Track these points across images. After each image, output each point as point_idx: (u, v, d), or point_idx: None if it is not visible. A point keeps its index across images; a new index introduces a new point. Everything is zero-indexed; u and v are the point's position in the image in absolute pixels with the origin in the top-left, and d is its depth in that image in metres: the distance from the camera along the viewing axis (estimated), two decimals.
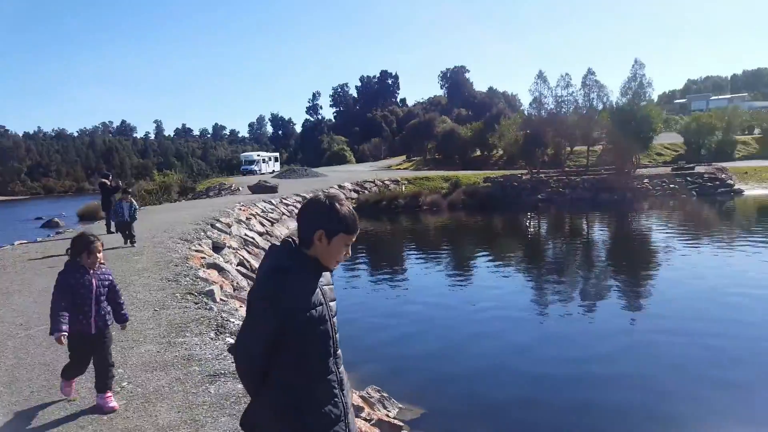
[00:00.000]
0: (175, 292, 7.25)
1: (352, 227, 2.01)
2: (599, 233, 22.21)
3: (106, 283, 3.97)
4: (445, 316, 10.41)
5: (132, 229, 11.74)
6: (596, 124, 44.47)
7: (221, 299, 7.55)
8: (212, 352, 4.93)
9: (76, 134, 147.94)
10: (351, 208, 2.03)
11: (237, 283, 10.04)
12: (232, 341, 5.28)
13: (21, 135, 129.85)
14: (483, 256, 16.96)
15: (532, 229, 24.60)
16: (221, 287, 8.15)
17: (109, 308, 3.98)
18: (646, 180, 35.72)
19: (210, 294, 7.31)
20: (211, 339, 5.34)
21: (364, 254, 18.03)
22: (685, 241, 17.42)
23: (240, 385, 4.12)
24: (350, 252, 2.04)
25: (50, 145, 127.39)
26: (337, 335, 2.04)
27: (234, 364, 2.09)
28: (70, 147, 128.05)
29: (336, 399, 1.97)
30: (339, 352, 2.05)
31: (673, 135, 48.38)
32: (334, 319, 2.03)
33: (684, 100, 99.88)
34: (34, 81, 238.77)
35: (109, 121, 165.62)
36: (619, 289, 12.28)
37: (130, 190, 12.42)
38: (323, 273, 2.03)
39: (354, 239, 2.02)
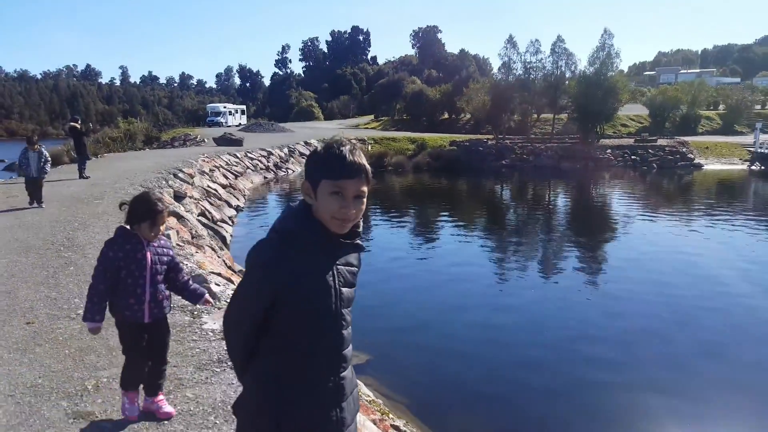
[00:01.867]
0: None
1: (338, 170, 1.56)
2: (560, 202, 22.73)
3: (165, 259, 3.09)
4: (402, 284, 9.97)
5: (40, 187, 9.88)
6: (563, 93, 45.20)
7: (177, 244, 7.95)
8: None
9: (39, 76, 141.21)
10: (347, 149, 1.59)
11: (196, 231, 10.40)
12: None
13: None
14: (445, 219, 17.09)
15: (495, 195, 25.15)
16: (177, 233, 8.54)
17: (167, 292, 3.13)
18: (608, 150, 36.73)
19: (167, 237, 7.69)
20: None
21: None
22: (642, 212, 18.25)
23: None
24: (351, 206, 1.58)
25: (12, 87, 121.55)
26: (347, 331, 1.66)
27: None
28: (33, 89, 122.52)
29: (324, 412, 1.61)
30: (346, 352, 1.67)
31: (639, 107, 49.46)
32: (346, 311, 1.65)
33: (653, 73, 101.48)
34: None
35: (74, 65, 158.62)
36: (580, 258, 12.41)
37: (35, 138, 10.10)
38: (345, 250, 1.66)
39: (352, 188, 1.57)
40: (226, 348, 1.79)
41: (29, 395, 3.31)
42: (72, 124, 15.10)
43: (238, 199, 17.81)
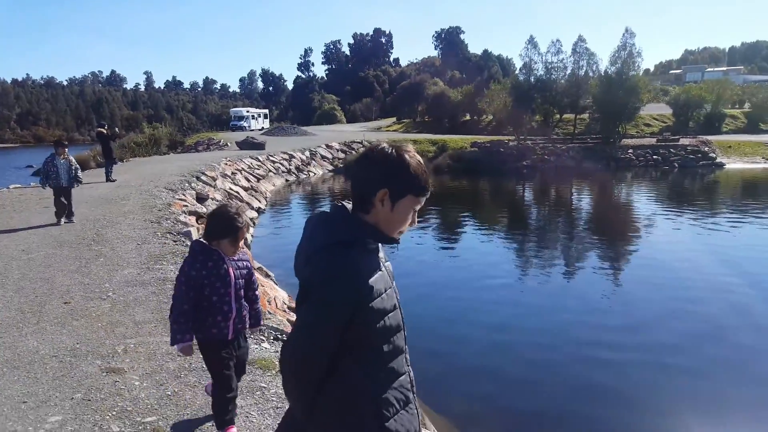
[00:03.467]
0: (156, 231, 8.25)
1: (424, 186, 1.59)
2: (581, 202, 22.53)
3: (244, 272, 3.00)
4: (427, 284, 9.85)
5: (71, 198, 8.91)
6: (584, 92, 45.09)
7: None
8: None
9: (65, 83, 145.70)
10: (422, 161, 1.61)
11: None
12: None
13: (9, 82, 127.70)
14: (466, 221, 16.78)
15: (516, 196, 25.07)
16: (197, 230, 9.15)
17: (247, 306, 3.02)
18: (630, 150, 36.53)
19: (187, 234, 8.31)
20: None
21: None
22: (664, 212, 18.02)
23: None
24: (416, 219, 1.64)
25: (39, 93, 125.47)
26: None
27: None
28: (59, 96, 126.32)
29: (411, 405, 1.62)
30: (406, 346, 1.68)
31: (663, 106, 48.90)
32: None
33: (680, 71, 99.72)
34: (22, 26, 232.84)
35: (99, 71, 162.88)
36: (602, 259, 12.12)
37: (65, 141, 9.20)
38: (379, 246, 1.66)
39: (422, 204, 1.61)
40: (288, 386, 1.55)
41: (69, 356, 3.87)
42: (99, 129, 16.03)
43: (259, 201, 18.40)
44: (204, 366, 3.81)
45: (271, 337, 4.49)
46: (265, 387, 3.50)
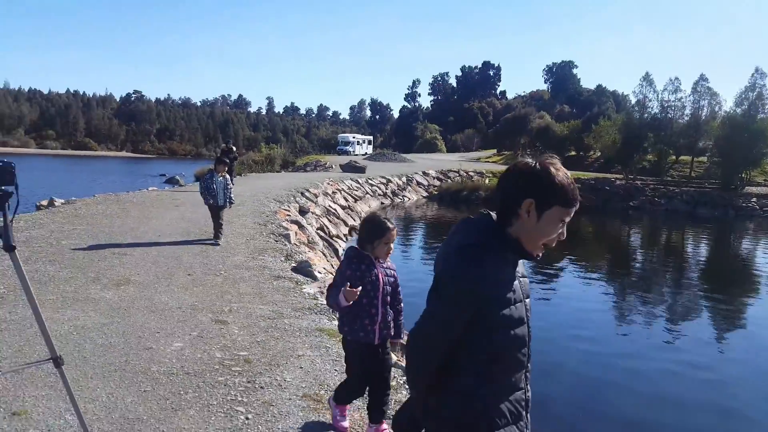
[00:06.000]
0: (262, 231, 9.64)
1: (572, 198, 1.57)
2: (693, 250, 20.92)
3: (392, 279, 3.11)
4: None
5: (220, 219, 8.46)
6: (704, 134, 42.39)
7: (295, 243, 9.80)
8: (279, 267, 7.15)
9: (198, 104, 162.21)
10: (569, 174, 1.61)
11: (312, 239, 12.29)
12: (295, 265, 7.40)
13: (153, 100, 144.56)
14: (565, 259, 15.40)
15: (620, 237, 23.85)
16: (295, 234, 10.43)
17: (392, 313, 3.11)
18: (754, 199, 33.91)
19: (287, 236, 9.59)
20: (281, 261, 7.55)
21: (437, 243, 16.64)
22: None
23: (311, 290, 6.14)
24: (565, 233, 1.61)
25: (177, 112, 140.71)
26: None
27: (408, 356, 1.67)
28: (193, 115, 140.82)
29: (522, 423, 1.62)
30: (530, 365, 1.67)
31: None
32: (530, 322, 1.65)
33: None
34: (167, 52, 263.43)
35: (228, 94, 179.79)
36: (713, 317, 10.91)
37: (227, 158, 8.65)
38: (518, 261, 1.65)
39: (571, 216, 1.59)
40: (408, 368, 1.64)
41: (190, 309, 5.08)
42: (225, 145, 18.34)
43: (354, 219, 19.69)
44: (286, 323, 4.82)
45: None
46: (329, 347, 4.40)
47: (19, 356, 3.74)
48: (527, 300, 1.65)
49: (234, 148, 18.14)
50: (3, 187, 1.87)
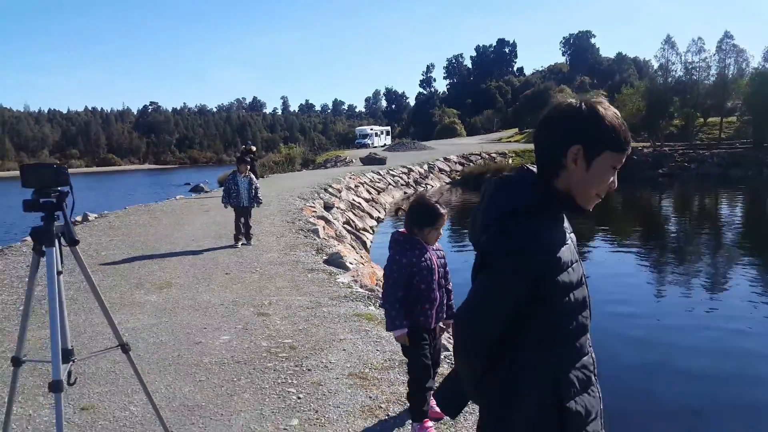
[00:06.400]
0: (291, 228, 9.86)
1: (624, 140, 1.39)
2: (727, 214, 20.18)
3: (442, 261, 3.05)
4: None
5: (249, 219, 8.40)
6: (732, 93, 41.19)
7: (324, 237, 9.98)
8: (312, 260, 7.33)
9: (215, 110, 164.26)
10: (618, 113, 1.42)
11: (339, 233, 12.48)
12: (326, 258, 7.57)
13: (170, 110, 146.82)
14: (595, 233, 14.91)
15: (651, 206, 23.29)
16: (323, 228, 10.61)
17: (444, 296, 3.05)
18: None
19: (315, 231, 9.77)
20: (312, 255, 7.73)
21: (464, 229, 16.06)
22: None
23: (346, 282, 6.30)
24: (616, 182, 1.43)
25: (194, 120, 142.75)
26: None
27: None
28: (210, 122, 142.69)
29: (593, 388, 1.49)
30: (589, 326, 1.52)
31: None
32: None
33: None
34: (180, 61, 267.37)
35: (243, 98, 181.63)
36: (751, 281, 10.30)
37: (248, 158, 8.59)
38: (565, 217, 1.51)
39: (623, 162, 1.42)
40: (460, 350, 1.48)
41: (232, 305, 5.31)
42: (244, 147, 18.53)
43: (379, 211, 19.84)
44: (324, 312, 4.98)
45: (378, 304, 5.53)
46: (369, 330, 4.55)
47: (87, 348, 3.98)
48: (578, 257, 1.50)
49: (254, 148, 18.25)
50: (59, 188, 2.04)
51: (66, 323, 2.03)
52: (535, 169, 1.46)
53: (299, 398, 3.37)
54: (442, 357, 3.43)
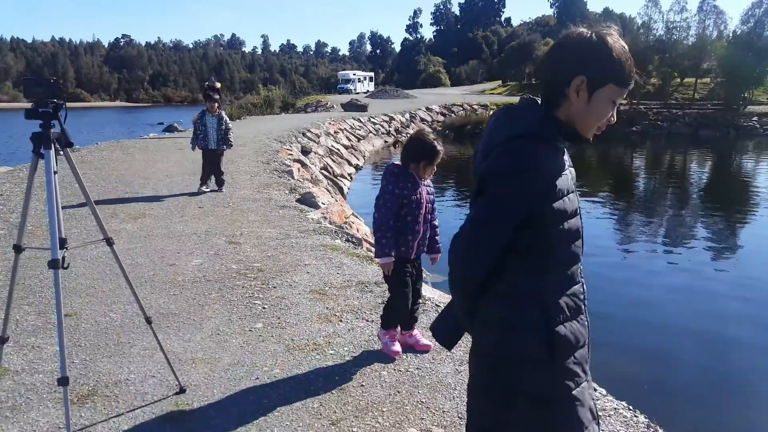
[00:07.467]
0: (266, 169, 10.09)
1: (628, 75, 1.40)
2: (694, 172, 21.02)
3: (432, 197, 3.16)
4: None
5: (220, 163, 7.85)
6: (708, 54, 41.47)
7: (298, 179, 10.22)
8: (284, 198, 7.65)
9: (191, 46, 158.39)
10: (626, 46, 1.40)
11: (315, 176, 12.68)
12: (299, 197, 7.86)
13: (143, 45, 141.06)
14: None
15: (622, 163, 23.75)
16: (298, 170, 10.85)
17: (429, 231, 3.17)
18: (755, 118, 33.77)
19: (290, 172, 10.01)
20: (285, 193, 8.03)
21: (452, 182, 16.58)
22: None
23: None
24: (615, 117, 1.44)
25: (169, 56, 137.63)
26: None
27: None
28: (186, 59, 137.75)
29: (582, 316, 1.49)
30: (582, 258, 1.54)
31: None
32: None
33: None
34: None
35: (221, 35, 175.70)
36: (714, 238, 10.68)
37: (216, 96, 8.13)
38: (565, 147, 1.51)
39: (624, 96, 1.44)
40: (455, 278, 1.47)
41: (204, 234, 5.66)
42: (207, 84, 16.96)
43: (358, 159, 19.89)
44: (293, 242, 5.33)
45: (344, 238, 5.90)
46: (332, 258, 4.95)
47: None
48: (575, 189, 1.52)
49: (218, 85, 16.66)
50: (55, 100, 2.30)
51: (60, 216, 2.33)
52: (538, 99, 1.48)
53: (264, 308, 3.78)
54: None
